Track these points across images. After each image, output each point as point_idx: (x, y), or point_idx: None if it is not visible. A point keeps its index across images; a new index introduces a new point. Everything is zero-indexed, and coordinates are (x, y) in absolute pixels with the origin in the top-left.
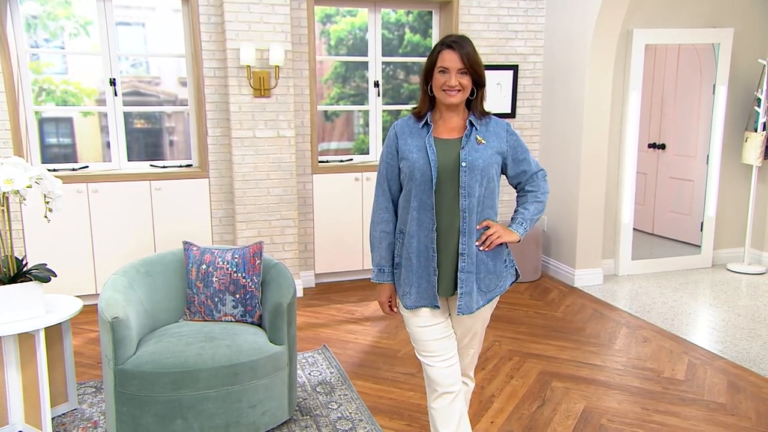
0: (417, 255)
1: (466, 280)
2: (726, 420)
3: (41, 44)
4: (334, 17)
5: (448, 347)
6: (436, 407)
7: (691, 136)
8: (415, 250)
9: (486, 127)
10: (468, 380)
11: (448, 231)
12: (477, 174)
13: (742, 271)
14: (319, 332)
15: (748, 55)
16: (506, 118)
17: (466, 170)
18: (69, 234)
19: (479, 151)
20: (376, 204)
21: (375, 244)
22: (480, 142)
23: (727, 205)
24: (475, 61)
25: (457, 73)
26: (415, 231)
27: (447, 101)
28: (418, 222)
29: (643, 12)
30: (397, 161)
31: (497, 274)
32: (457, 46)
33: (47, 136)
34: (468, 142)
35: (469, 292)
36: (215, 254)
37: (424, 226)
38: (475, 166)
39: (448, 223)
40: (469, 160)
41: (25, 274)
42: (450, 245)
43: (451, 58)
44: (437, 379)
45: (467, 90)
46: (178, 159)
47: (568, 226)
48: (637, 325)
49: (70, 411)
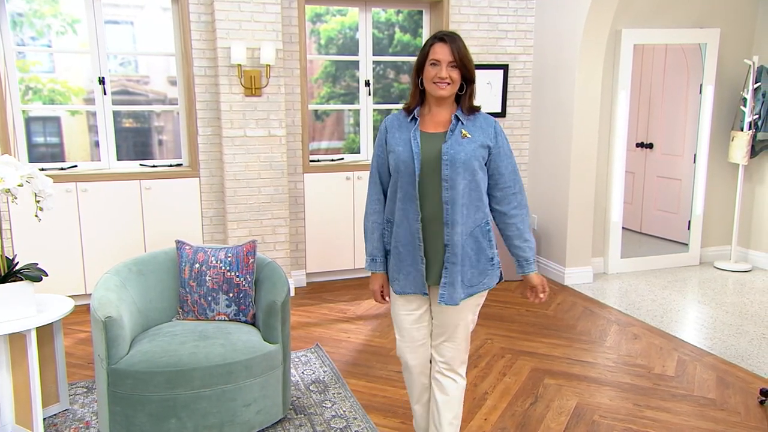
0: (404, 244)
1: (450, 270)
2: (716, 415)
3: (28, 42)
4: (324, 16)
5: (421, 334)
6: (405, 376)
7: (678, 135)
8: (402, 239)
9: (473, 123)
10: (456, 376)
11: (433, 222)
12: (458, 167)
13: (729, 269)
14: (311, 331)
15: (734, 55)
16: (496, 117)
17: (447, 163)
18: (58, 233)
19: (462, 144)
20: (368, 196)
21: (368, 234)
22: (465, 136)
23: (714, 204)
24: (465, 56)
25: (448, 66)
26: (400, 220)
27: (437, 93)
28: (404, 212)
29: (632, 12)
30: (387, 154)
31: (481, 270)
32: (449, 39)
33: (34, 135)
34: (452, 136)
35: (452, 283)
36: (208, 253)
37: (409, 217)
38: (457, 160)
39: (433, 214)
40: (451, 153)
41: (15, 273)
42: (438, 235)
43: (442, 51)
44: (402, 354)
45: (456, 84)
46: (167, 158)
47: (558, 224)
48: (627, 322)
49: (61, 411)
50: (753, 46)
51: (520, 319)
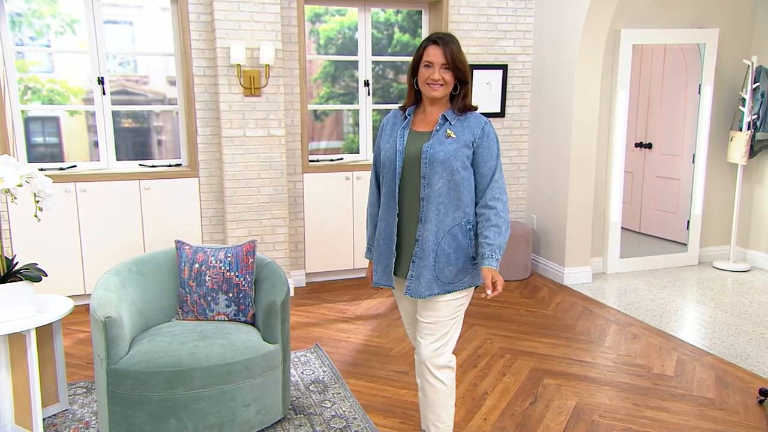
0: (384, 237)
1: (416, 264)
2: (715, 415)
3: (26, 42)
4: (324, 16)
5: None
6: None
7: (677, 135)
8: (383, 232)
9: (462, 123)
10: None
11: (410, 217)
12: (436, 166)
13: (727, 269)
14: (310, 331)
15: (733, 55)
16: (496, 117)
17: (426, 162)
18: (57, 234)
19: (444, 144)
20: (369, 188)
21: (366, 224)
22: (449, 136)
23: (712, 204)
24: (458, 59)
25: (441, 69)
26: (383, 215)
27: (430, 94)
28: (386, 207)
29: (631, 12)
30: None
31: (461, 268)
32: (442, 42)
33: (33, 135)
34: (435, 135)
35: (417, 276)
36: (208, 253)
37: (390, 211)
38: (435, 159)
39: (410, 210)
40: (430, 152)
41: (15, 273)
42: (412, 231)
43: (435, 53)
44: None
45: (449, 85)
46: (166, 158)
47: (558, 224)
48: (626, 322)
49: (61, 412)
50: (752, 47)
51: (520, 319)
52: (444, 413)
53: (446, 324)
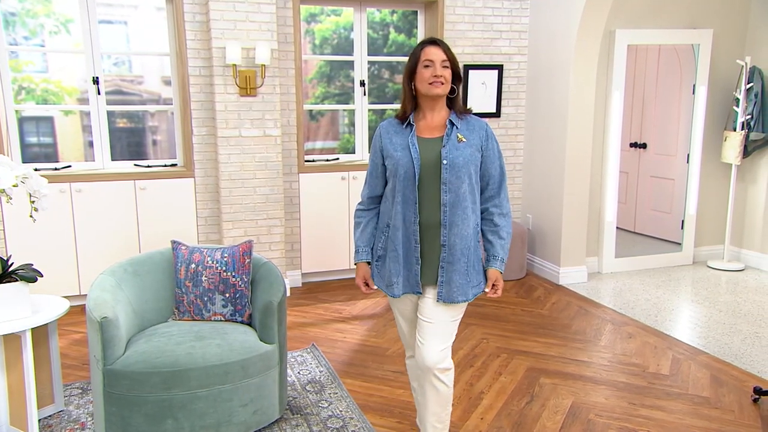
0: (402, 246)
1: (446, 269)
2: (710, 413)
3: (20, 42)
4: (319, 16)
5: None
6: (408, 364)
7: (671, 135)
8: (400, 241)
9: (466, 125)
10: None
11: (432, 224)
12: (457, 171)
13: (722, 268)
14: (307, 331)
15: (727, 55)
16: (491, 117)
17: (447, 167)
18: (52, 234)
19: (459, 149)
20: (361, 194)
21: (355, 228)
22: (461, 140)
23: (707, 204)
24: (453, 57)
25: (441, 66)
26: (399, 223)
27: (433, 92)
28: (403, 215)
29: (626, 13)
30: (381, 159)
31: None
32: (439, 41)
33: (27, 135)
34: (449, 141)
35: (448, 282)
36: (204, 253)
37: (408, 219)
38: (456, 164)
39: (431, 217)
40: (450, 158)
41: (10, 274)
42: (434, 237)
43: (435, 51)
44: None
45: (449, 83)
46: (161, 158)
47: (553, 224)
48: (621, 321)
49: (56, 412)
50: (745, 47)
51: (516, 318)
52: (444, 413)
53: (452, 325)
